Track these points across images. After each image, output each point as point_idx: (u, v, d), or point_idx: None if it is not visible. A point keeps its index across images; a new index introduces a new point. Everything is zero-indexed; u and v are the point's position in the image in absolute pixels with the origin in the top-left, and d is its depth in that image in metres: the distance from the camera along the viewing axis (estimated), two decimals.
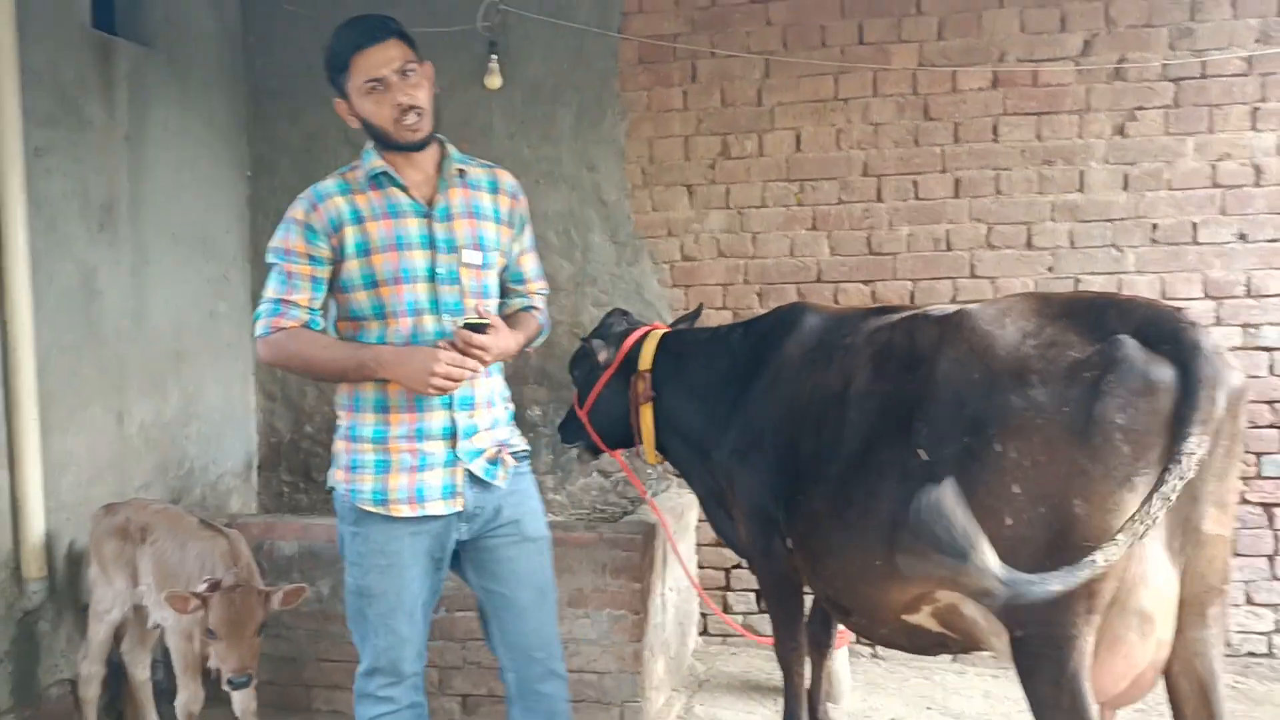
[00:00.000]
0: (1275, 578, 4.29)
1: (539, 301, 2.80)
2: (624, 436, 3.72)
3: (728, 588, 4.79)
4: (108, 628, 3.54)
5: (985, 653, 2.73)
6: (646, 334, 3.67)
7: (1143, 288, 4.31)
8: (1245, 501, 4.28)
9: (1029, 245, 4.41)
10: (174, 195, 4.53)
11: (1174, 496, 2.15)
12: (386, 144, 2.49)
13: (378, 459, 2.51)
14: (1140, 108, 4.30)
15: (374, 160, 2.51)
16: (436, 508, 2.53)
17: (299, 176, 5.09)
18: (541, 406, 4.98)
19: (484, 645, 2.77)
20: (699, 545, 4.76)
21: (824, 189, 4.59)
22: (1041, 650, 2.31)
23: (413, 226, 2.49)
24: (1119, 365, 2.19)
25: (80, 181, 3.96)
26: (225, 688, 3.08)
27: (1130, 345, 2.21)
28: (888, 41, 4.48)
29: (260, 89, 5.11)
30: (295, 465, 5.23)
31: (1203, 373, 2.18)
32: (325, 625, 4.00)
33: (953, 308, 2.67)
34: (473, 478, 2.55)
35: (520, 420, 4.99)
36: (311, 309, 2.53)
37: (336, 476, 2.60)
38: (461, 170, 2.58)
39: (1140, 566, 2.27)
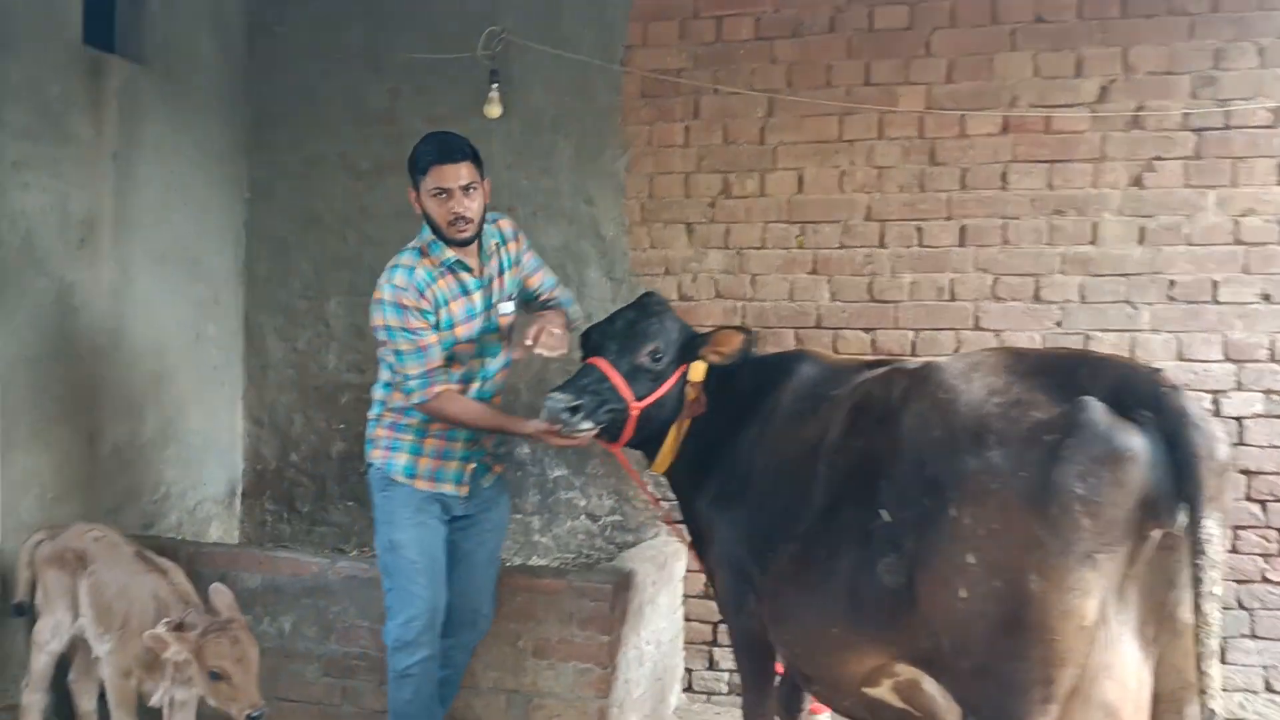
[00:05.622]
0: None
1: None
2: (648, 437, 3.23)
3: (714, 642, 4.56)
4: (48, 657, 3.44)
5: None
6: None
7: (1158, 347, 4.08)
8: (1265, 580, 4.01)
9: (1036, 298, 4.20)
10: (162, 215, 4.48)
11: (1218, 589, 1.95)
12: (441, 238, 3.15)
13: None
14: (1159, 158, 4.08)
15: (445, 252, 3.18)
16: None
17: (298, 201, 5.05)
18: (530, 444, 4.82)
19: None
20: (686, 597, 4.56)
21: (825, 232, 4.42)
22: None
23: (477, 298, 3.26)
24: (1081, 429, 1.99)
25: (60, 197, 3.92)
26: None
27: (1095, 408, 2.01)
28: (895, 83, 4.31)
29: (262, 114, 5.06)
30: (279, 494, 5.12)
31: (1197, 444, 1.98)
32: (285, 663, 3.86)
33: (926, 360, 2.49)
34: None
35: (509, 458, 4.92)
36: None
37: None
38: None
39: (1104, 655, 2.06)
